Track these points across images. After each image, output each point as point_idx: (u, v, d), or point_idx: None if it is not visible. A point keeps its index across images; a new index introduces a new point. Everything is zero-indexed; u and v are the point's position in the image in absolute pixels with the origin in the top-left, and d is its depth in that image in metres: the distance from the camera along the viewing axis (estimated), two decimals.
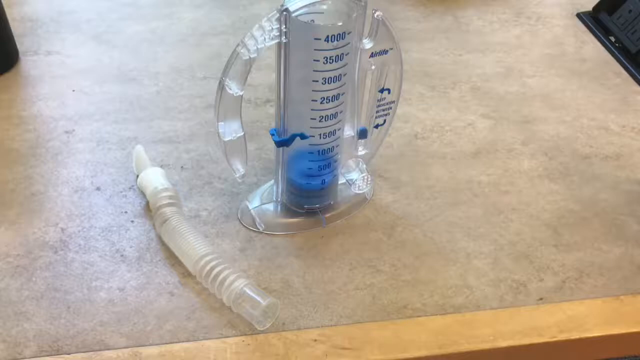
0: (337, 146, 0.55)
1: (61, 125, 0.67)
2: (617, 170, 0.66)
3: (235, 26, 0.84)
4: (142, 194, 0.59)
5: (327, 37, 0.47)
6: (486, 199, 0.62)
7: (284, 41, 0.48)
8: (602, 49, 0.84)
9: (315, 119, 0.51)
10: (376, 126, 0.57)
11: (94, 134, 0.66)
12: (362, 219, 0.60)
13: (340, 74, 0.49)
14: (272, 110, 0.71)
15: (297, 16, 0.47)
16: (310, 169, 0.56)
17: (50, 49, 0.77)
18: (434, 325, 0.52)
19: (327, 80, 0.49)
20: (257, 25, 0.47)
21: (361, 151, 0.58)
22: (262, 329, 0.50)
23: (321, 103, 0.50)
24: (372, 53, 0.51)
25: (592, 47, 0.84)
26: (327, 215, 0.59)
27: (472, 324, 0.52)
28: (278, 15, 0.47)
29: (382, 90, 0.54)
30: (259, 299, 0.50)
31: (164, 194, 0.56)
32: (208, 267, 0.51)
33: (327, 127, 0.52)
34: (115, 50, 0.78)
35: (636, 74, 0.79)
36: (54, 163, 0.63)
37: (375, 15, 0.49)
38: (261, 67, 0.76)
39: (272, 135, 0.54)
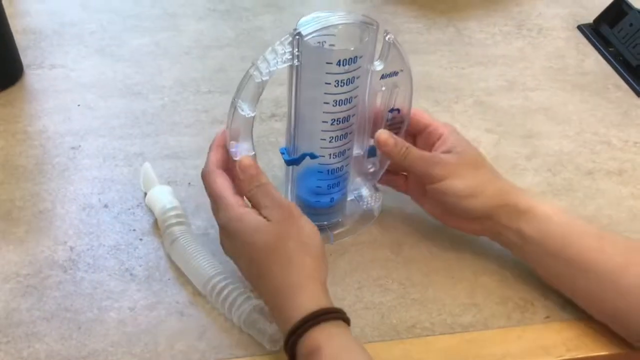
0: (346, 165, 0.55)
1: (67, 141, 0.67)
2: (621, 186, 0.67)
3: (239, 39, 0.84)
4: (150, 211, 0.60)
5: (339, 61, 0.47)
6: None
7: (296, 64, 0.48)
8: (603, 61, 0.84)
9: (325, 139, 0.52)
10: None
11: (100, 149, 0.67)
12: (369, 236, 0.60)
13: (351, 97, 0.50)
14: (277, 125, 0.71)
15: (309, 39, 0.47)
16: (319, 187, 0.56)
17: (54, 63, 0.77)
18: (443, 344, 0.52)
19: (337, 103, 0.49)
20: (270, 49, 0.47)
21: (370, 169, 0.58)
22: (272, 349, 0.50)
23: (331, 124, 0.51)
24: (383, 75, 0.51)
25: (594, 60, 0.85)
26: (335, 232, 0.59)
27: (480, 343, 0.52)
28: (291, 39, 0.47)
29: (392, 111, 0.55)
30: (269, 319, 0.50)
31: (172, 212, 0.56)
32: (218, 288, 0.52)
33: (337, 147, 0.53)
34: (119, 64, 0.78)
35: (637, 87, 0.79)
36: (61, 180, 0.63)
37: (387, 38, 0.50)
38: None
39: (283, 154, 0.55)
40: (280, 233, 0.48)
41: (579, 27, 0.90)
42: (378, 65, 0.50)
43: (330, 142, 0.52)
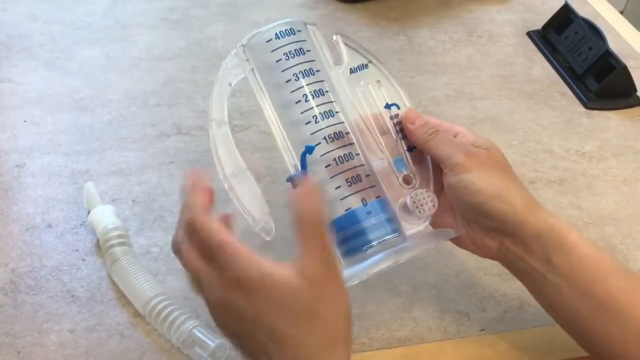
0: (356, 154, 0.49)
1: (12, 159, 0.67)
2: (560, 195, 0.68)
3: (190, 49, 0.84)
4: (94, 230, 0.60)
5: (276, 34, 0.48)
6: None
7: (250, 68, 0.49)
8: (551, 68, 0.86)
9: (310, 121, 0.48)
10: (409, 149, 0.52)
11: (45, 167, 0.66)
12: None
13: (311, 68, 0.49)
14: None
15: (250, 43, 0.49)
16: (338, 187, 0.48)
17: (1, 76, 0.77)
18: (379, 359, 0.53)
19: (298, 76, 0.48)
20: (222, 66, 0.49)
21: (413, 186, 0.51)
22: None
23: (306, 101, 0.48)
24: (352, 70, 0.52)
25: (541, 67, 0.86)
26: (395, 249, 0.50)
27: (416, 357, 0.54)
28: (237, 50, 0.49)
29: (388, 107, 0.52)
30: (207, 340, 0.51)
31: (114, 233, 0.57)
32: (157, 309, 0.52)
33: (327, 127, 0.48)
34: (67, 77, 0.78)
35: (581, 95, 0.81)
36: (5, 199, 0.63)
37: (334, 39, 0.51)
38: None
39: (291, 179, 0.49)
40: (316, 293, 0.40)
41: (528, 34, 0.92)
42: (340, 66, 0.51)
43: (316, 121, 0.48)
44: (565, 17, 0.87)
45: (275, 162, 0.68)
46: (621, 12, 2.10)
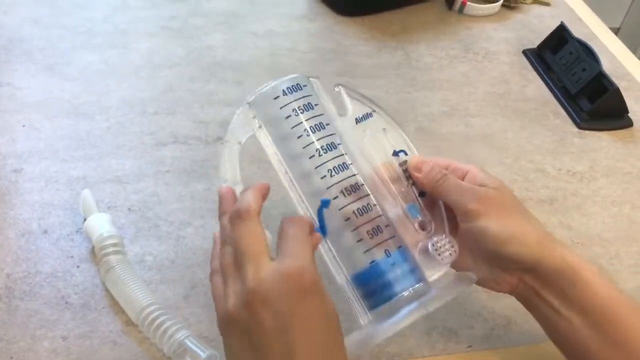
0: (373, 205, 0.49)
1: (10, 164, 0.67)
2: (550, 214, 0.69)
3: (189, 58, 0.85)
4: (89, 237, 0.60)
5: (283, 90, 0.48)
6: None
7: (258, 125, 0.49)
8: (545, 88, 0.87)
9: (325, 175, 0.48)
10: (421, 194, 0.52)
11: (43, 172, 0.67)
12: None
13: (321, 122, 0.49)
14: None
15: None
16: (360, 241, 0.48)
17: (0, 80, 0.77)
18: None
19: (309, 131, 0.48)
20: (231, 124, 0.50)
21: (429, 232, 0.51)
22: None
23: (319, 155, 0.48)
24: (357, 119, 0.52)
25: (536, 86, 0.87)
26: (423, 299, 0.50)
27: None
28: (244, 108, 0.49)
29: (396, 154, 0.52)
30: (198, 351, 0.51)
31: (109, 241, 0.57)
32: (150, 318, 0.53)
33: (341, 180, 0.48)
34: (67, 82, 0.78)
35: (574, 115, 0.82)
36: (1, 204, 0.63)
37: (335, 89, 0.51)
38: (212, 102, 0.78)
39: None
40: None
41: (524, 52, 0.93)
42: (344, 116, 0.51)
43: (331, 175, 0.48)
44: (560, 37, 0.89)
45: (271, 172, 0.69)
46: (618, 29, 2.13)
